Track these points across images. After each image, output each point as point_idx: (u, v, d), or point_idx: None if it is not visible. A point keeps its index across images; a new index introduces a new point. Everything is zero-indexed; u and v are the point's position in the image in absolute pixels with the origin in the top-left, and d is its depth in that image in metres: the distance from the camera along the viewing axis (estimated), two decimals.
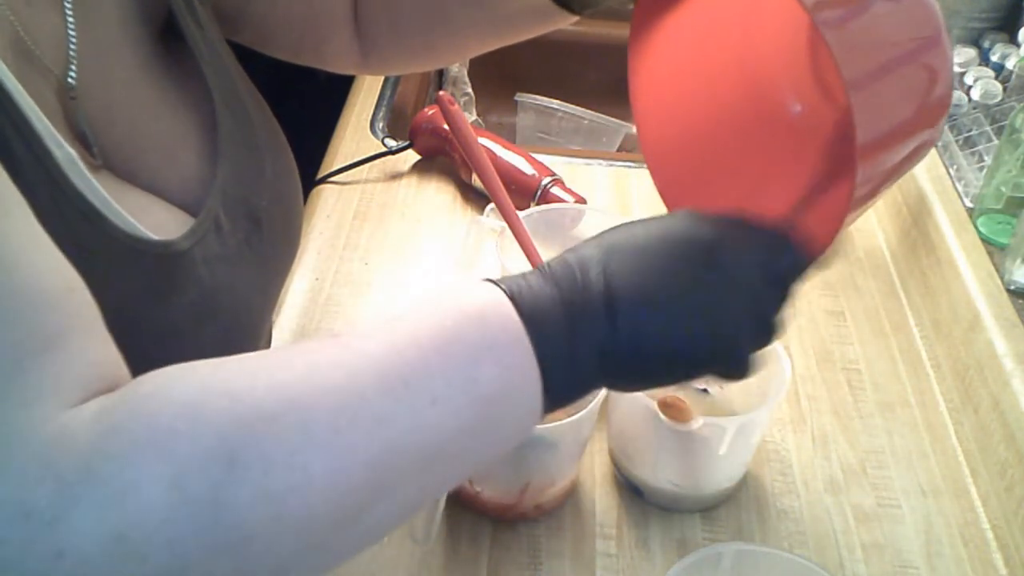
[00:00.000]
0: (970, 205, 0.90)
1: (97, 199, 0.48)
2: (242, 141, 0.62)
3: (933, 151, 0.97)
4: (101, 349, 0.42)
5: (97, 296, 0.43)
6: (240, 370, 0.40)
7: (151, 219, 0.53)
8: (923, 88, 0.49)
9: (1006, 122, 0.87)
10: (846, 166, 0.46)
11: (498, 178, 0.91)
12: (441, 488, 0.51)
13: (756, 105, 0.60)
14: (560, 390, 0.44)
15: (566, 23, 0.66)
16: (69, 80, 0.51)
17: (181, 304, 0.52)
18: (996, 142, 0.91)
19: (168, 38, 0.60)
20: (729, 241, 0.47)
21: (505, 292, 0.44)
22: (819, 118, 0.59)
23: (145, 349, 0.44)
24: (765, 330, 0.48)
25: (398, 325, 0.43)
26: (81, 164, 0.48)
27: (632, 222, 0.48)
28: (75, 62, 0.51)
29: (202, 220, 0.56)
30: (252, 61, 0.73)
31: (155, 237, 0.51)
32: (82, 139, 0.52)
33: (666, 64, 0.58)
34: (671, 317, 0.45)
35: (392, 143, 1.08)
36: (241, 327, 0.56)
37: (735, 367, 0.48)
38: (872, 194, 0.50)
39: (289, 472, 0.38)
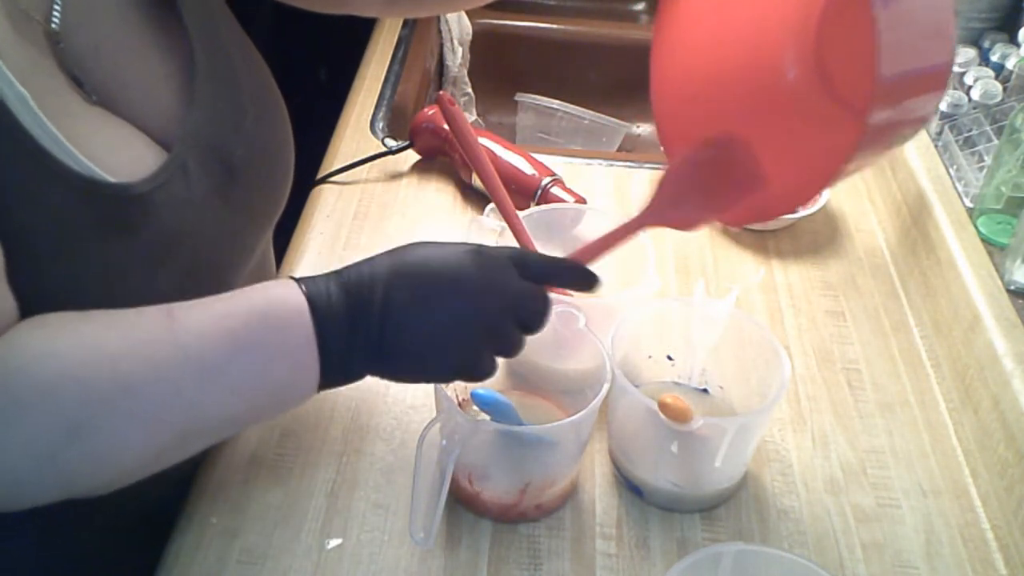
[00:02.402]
0: (970, 205, 0.90)
1: (48, 139, 0.52)
2: (221, 90, 0.64)
3: (933, 151, 0.97)
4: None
5: (40, 231, 0.52)
6: (95, 358, 0.51)
7: (130, 153, 0.57)
8: (938, 45, 0.52)
9: (1006, 122, 0.86)
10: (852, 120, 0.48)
11: (498, 178, 0.90)
12: (230, 435, 0.68)
13: (756, 65, 0.61)
14: (331, 383, 0.57)
15: None
16: (53, 27, 0.55)
17: (134, 245, 0.57)
18: (996, 142, 0.91)
19: None
20: (490, 285, 0.57)
21: (306, 298, 0.55)
22: (808, 94, 0.60)
23: (94, 284, 0.54)
24: (503, 352, 0.59)
25: (218, 323, 0.54)
26: (33, 104, 0.51)
27: (426, 244, 0.59)
28: (59, 9, 0.55)
29: (167, 165, 0.59)
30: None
31: (110, 179, 0.55)
32: (75, 80, 0.56)
33: (690, 18, 0.59)
34: (428, 336, 0.57)
35: (392, 143, 1.08)
36: (203, 271, 0.59)
37: (476, 374, 0.59)
38: (876, 145, 0.52)
39: (113, 441, 0.52)
